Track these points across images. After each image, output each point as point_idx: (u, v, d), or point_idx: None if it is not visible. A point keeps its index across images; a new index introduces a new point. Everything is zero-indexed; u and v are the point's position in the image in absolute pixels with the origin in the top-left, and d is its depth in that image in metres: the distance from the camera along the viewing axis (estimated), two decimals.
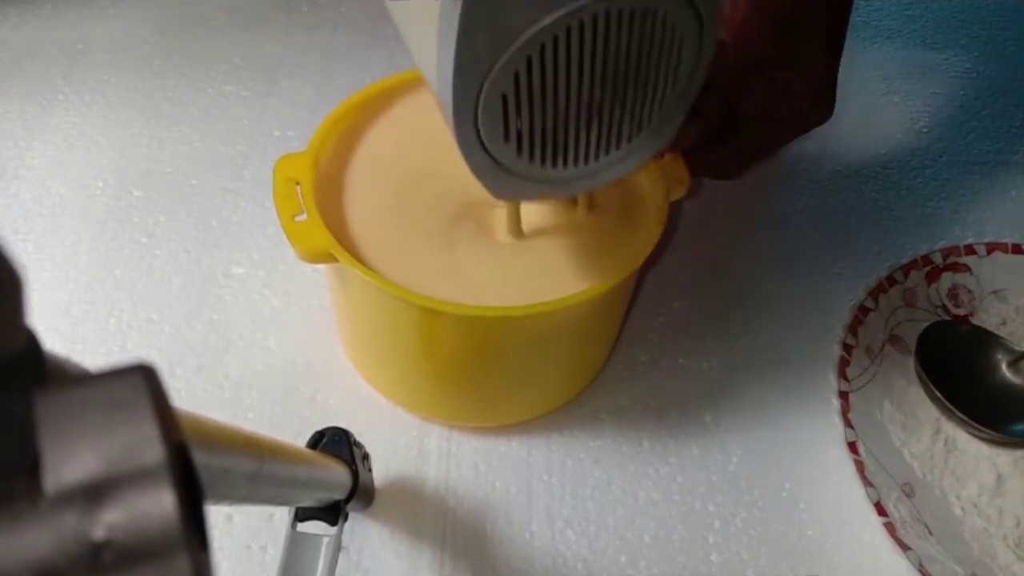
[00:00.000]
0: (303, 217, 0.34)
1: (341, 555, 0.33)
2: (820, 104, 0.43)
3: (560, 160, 0.28)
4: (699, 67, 0.28)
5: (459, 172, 0.38)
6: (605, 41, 0.25)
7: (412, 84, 0.41)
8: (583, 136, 0.28)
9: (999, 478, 0.40)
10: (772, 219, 0.54)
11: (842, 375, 0.41)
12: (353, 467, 0.33)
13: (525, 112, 0.26)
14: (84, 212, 0.50)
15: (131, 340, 0.44)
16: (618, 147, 0.29)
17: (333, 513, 0.31)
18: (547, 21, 0.23)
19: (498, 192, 0.29)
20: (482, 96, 0.25)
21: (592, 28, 0.24)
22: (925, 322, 0.44)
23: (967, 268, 0.47)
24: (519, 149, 0.27)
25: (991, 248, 0.47)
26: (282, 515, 0.38)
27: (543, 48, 0.24)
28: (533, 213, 0.37)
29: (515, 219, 0.36)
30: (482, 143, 0.26)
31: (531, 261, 0.36)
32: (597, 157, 0.29)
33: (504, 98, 0.25)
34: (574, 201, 0.37)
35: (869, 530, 0.39)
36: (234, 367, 0.44)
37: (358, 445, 0.35)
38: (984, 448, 0.41)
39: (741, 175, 0.51)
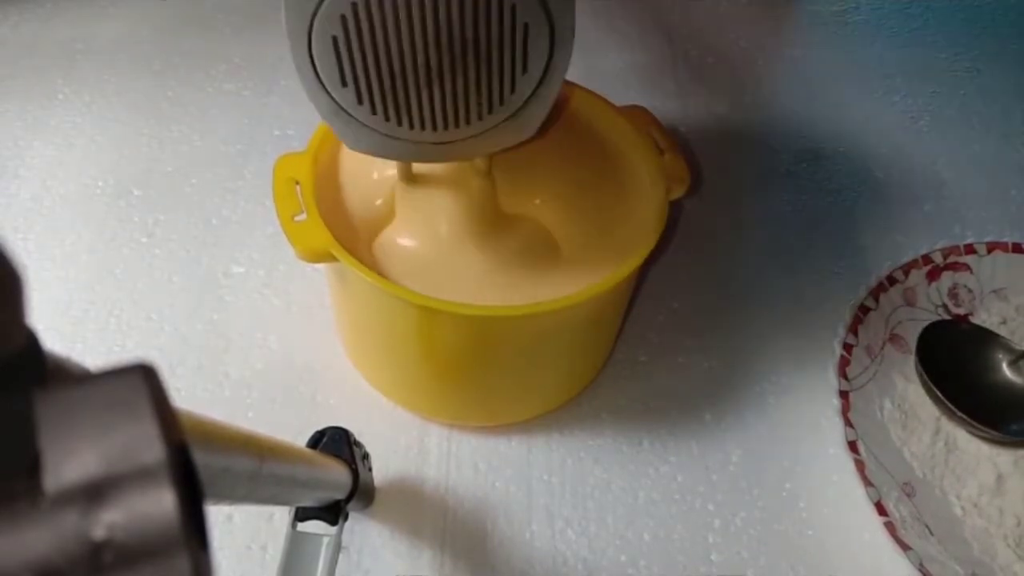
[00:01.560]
0: (303, 217, 0.34)
1: (341, 555, 0.33)
2: None
3: (404, 120, 0.29)
4: (553, 65, 0.29)
5: (459, 171, 0.39)
6: (434, 2, 0.26)
7: None
8: (426, 99, 0.28)
9: (999, 478, 0.40)
10: (772, 219, 0.54)
11: (842, 374, 0.41)
12: (353, 467, 0.33)
13: (358, 58, 0.27)
14: (84, 212, 0.50)
15: (131, 340, 0.44)
16: (468, 121, 0.30)
17: (333, 513, 0.31)
18: None
19: (350, 141, 0.30)
20: (313, 34, 0.26)
21: None
22: (925, 321, 0.44)
23: (967, 267, 0.47)
24: (358, 96, 0.28)
25: (991, 247, 0.47)
26: (282, 515, 0.38)
27: None
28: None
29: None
30: (321, 83, 0.27)
31: (531, 261, 0.36)
32: (445, 126, 0.30)
33: (335, 40, 0.26)
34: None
35: (869, 530, 0.39)
36: (234, 367, 0.44)
37: (358, 445, 0.35)
38: (984, 448, 0.41)
39: None
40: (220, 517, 0.38)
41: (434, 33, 0.26)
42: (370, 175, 0.38)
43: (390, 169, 0.37)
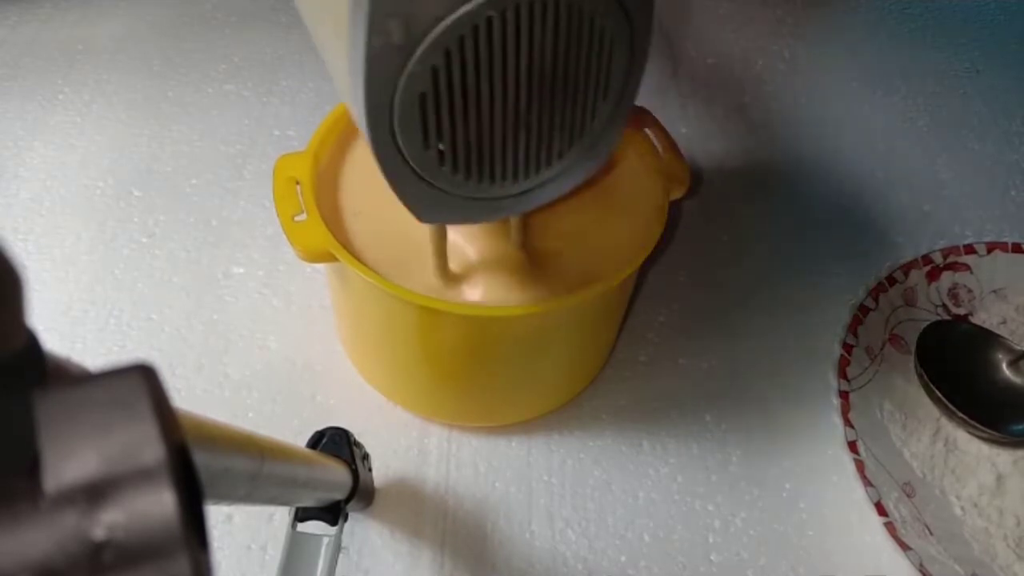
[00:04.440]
0: (303, 217, 0.34)
1: (341, 555, 0.33)
2: None
3: (488, 174, 0.26)
4: (631, 79, 0.26)
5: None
6: (530, 37, 0.23)
7: None
8: (511, 147, 0.26)
9: (999, 478, 0.40)
10: (772, 219, 0.54)
11: (842, 375, 0.41)
12: (353, 467, 0.33)
13: (446, 114, 0.24)
14: (84, 212, 0.50)
15: (131, 340, 0.44)
16: (549, 163, 0.27)
17: (333, 513, 0.31)
18: (465, 9, 0.22)
19: (423, 213, 0.27)
20: (398, 94, 0.23)
21: (515, 21, 0.23)
22: (925, 321, 0.44)
23: (967, 267, 0.47)
24: (441, 158, 0.25)
25: (991, 247, 0.47)
26: (282, 515, 0.38)
27: (463, 41, 0.22)
28: (460, 254, 0.35)
29: (442, 257, 0.34)
30: (400, 150, 0.24)
31: (531, 261, 0.36)
32: (527, 174, 0.27)
33: (423, 97, 0.23)
34: (505, 235, 0.35)
35: (869, 530, 0.39)
36: (234, 367, 0.44)
37: (358, 445, 0.35)
38: (984, 448, 0.41)
39: None
40: (220, 517, 0.38)
41: (526, 70, 0.24)
42: (372, 175, 0.38)
43: None
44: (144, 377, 0.13)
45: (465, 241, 0.36)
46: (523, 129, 0.25)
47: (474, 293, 0.34)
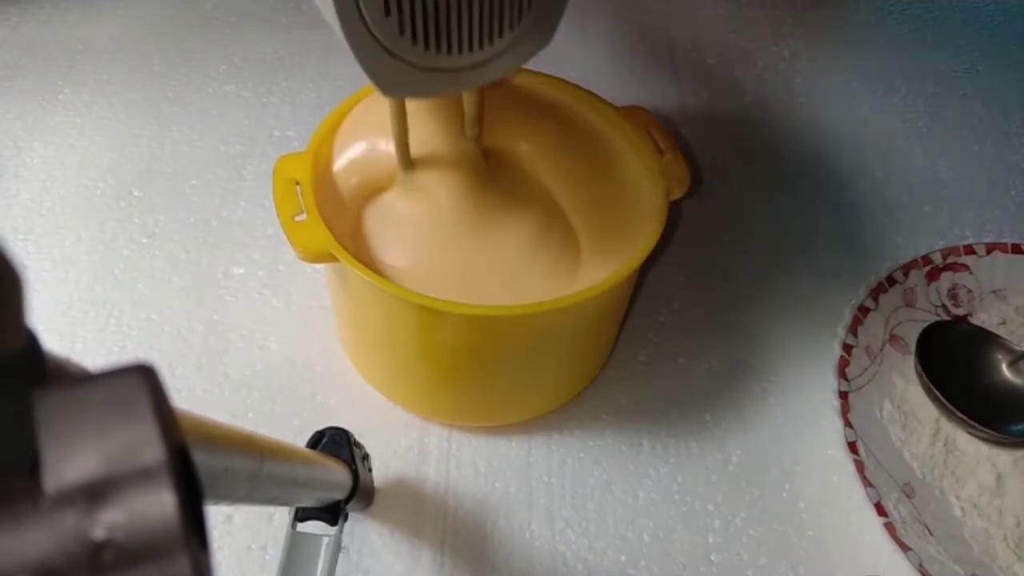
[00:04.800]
0: (303, 217, 0.34)
1: (341, 555, 0.34)
2: None
3: (444, 44, 0.28)
4: None
5: (459, 171, 0.38)
6: None
7: None
8: (465, 17, 0.28)
9: (999, 478, 0.40)
10: (772, 219, 0.54)
11: (842, 375, 0.41)
12: (353, 467, 0.33)
13: None
14: (84, 212, 0.50)
15: (131, 340, 0.44)
16: (500, 35, 0.29)
17: (333, 513, 0.31)
18: None
19: (386, 85, 0.29)
20: None
21: None
22: (925, 322, 0.44)
23: (967, 268, 0.47)
24: (401, 27, 0.27)
25: (991, 248, 0.47)
26: (282, 515, 0.38)
27: None
28: (423, 144, 0.37)
29: (403, 145, 0.36)
30: (363, 19, 0.26)
31: (531, 261, 0.36)
32: (481, 44, 0.29)
33: None
34: (460, 130, 0.38)
35: (869, 530, 0.39)
36: (234, 367, 0.44)
37: (358, 445, 0.35)
38: (984, 448, 0.41)
39: None
40: (220, 517, 0.38)
41: None
42: (371, 175, 0.38)
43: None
44: (144, 377, 0.13)
45: (421, 139, 0.37)
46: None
47: (431, 179, 0.36)
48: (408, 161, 0.36)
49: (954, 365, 0.42)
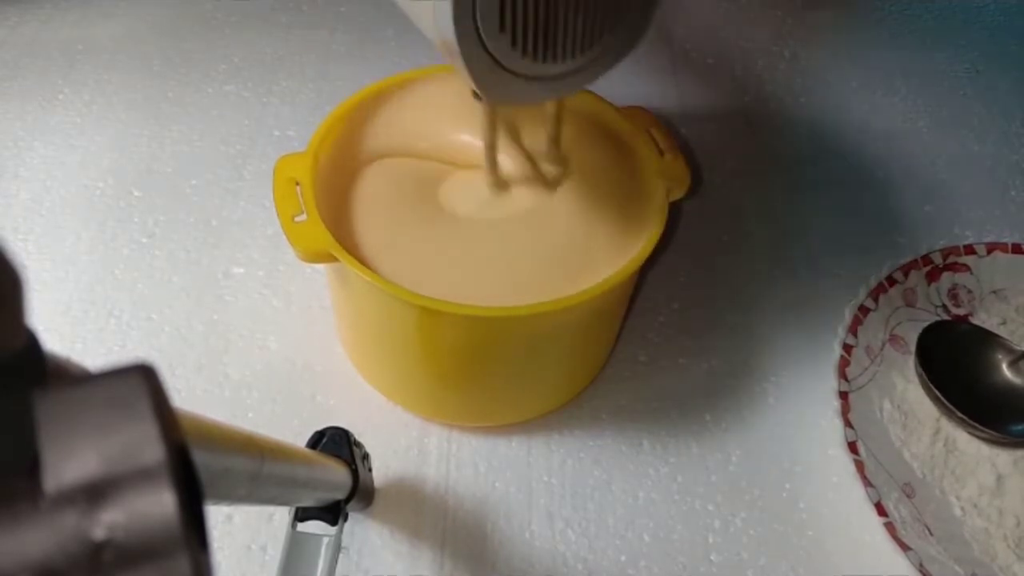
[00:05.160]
0: (303, 217, 0.34)
1: (341, 555, 0.33)
2: None
3: (550, 52, 0.30)
4: None
5: (459, 171, 0.38)
6: None
7: (411, 84, 0.41)
8: (571, 27, 0.29)
9: (999, 478, 0.40)
10: (772, 219, 0.54)
11: (842, 375, 0.41)
12: (353, 467, 0.33)
13: (520, 1, 0.27)
14: (84, 212, 0.50)
15: (131, 340, 0.44)
16: (600, 37, 0.31)
17: (333, 513, 0.31)
18: None
19: (494, 93, 0.30)
20: None
21: None
22: (925, 322, 0.44)
23: (967, 268, 0.47)
24: (513, 40, 0.28)
25: (991, 248, 0.47)
26: (282, 515, 0.38)
27: None
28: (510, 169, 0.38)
29: (494, 165, 0.37)
30: (480, 37, 0.28)
31: (532, 261, 0.36)
32: (583, 50, 0.30)
33: None
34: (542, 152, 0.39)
35: (869, 530, 0.39)
36: (234, 367, 0.44)
37: (358, 445, 0.35)
38: (984, 448, 0.41)
39: None
40: (220, 517, 0.38)
41: None
42: (371, 175, 0.38)
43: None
44: (144, 377, 0.13)
45: (509, 158, 0.39)
46: (581, 9, 0.29)
47: (522, 199, 0.38)
48: (496, 167, 0.37)
49: (954, 365, 0.42)
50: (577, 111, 0.41)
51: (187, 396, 0.42)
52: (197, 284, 0.47)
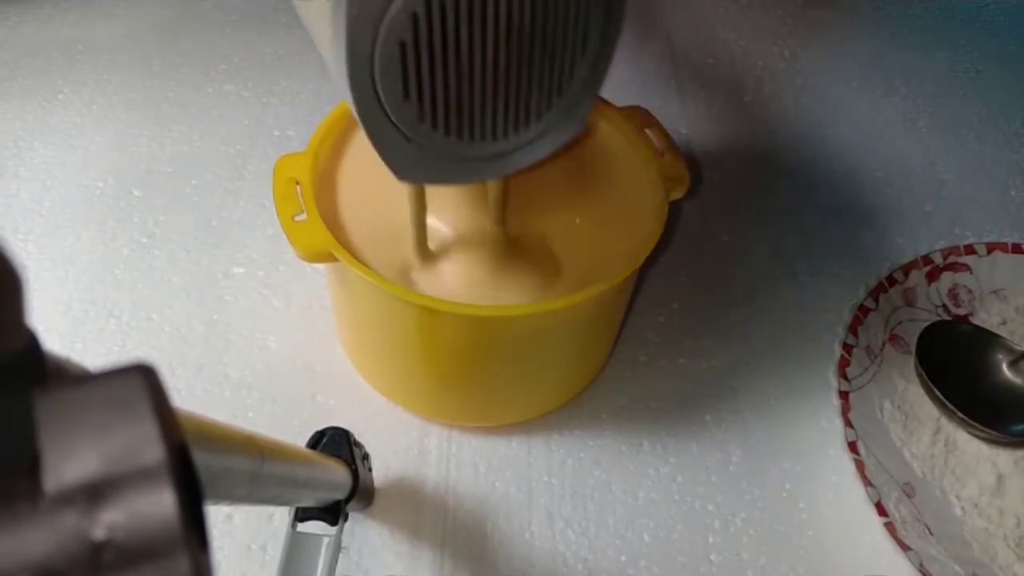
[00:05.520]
0: (303, 217, 0.34)
1: (341, 555, 0.33)
2: None
3: (467, 131, 0.26)
4: (608, 41, 0.27)
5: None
6: None
7: None
8: (489, 104, 0.26)
9: (999, 478, 0.40)
10: (772, 219, 0.54)
11: (842, 375, 0.41)
12: (353, 467, 0.33)
13: (426, 64, 0.24)
14: (84, 212, 0.50)
15: (131, 340, 0.44)
16: (527, 124, 0.27)
17: (333, 513, 0.31)
18: None
19: (402, 170, 0.27)
20: (379, 42, 0.23)
21: None
22: (925, 322, 0.44)
23: (967, 268, 0.47)
24: (420, 112, 0.25)
25: (991, 248, 0.47)
26: (282, 515, 0.38)
27: None
28: (439, 233, 0.36)
29: (421, 230, 0.34)
30: (380, 102, 0.24)
31: (532, 261, 0.36)
32: (506, 133, 0.27)
33: (402, 46, 0.23)
34: (484, 212, 0.36)
35: (869, 530, 0.39)
36: (234, 367, 0.44)
37: (358, 445, 0.35)
38: (984, 448, 0.41)
39: None
40: (220, 517, 0.38)
41: (505, 25, 0.24)
42: (372, 175, 0.38)
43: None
44: (144, 377, 0.13)
45: (442, 218, 0.36)
46: (501, 86, 0.25)
47: (451, 270, 0.35)
48: (425, 247, 0.35)
49: (954, 365, 0.42)
50: None
51: (187, 396, 0.42)
52: (197, 284, 0.47)
